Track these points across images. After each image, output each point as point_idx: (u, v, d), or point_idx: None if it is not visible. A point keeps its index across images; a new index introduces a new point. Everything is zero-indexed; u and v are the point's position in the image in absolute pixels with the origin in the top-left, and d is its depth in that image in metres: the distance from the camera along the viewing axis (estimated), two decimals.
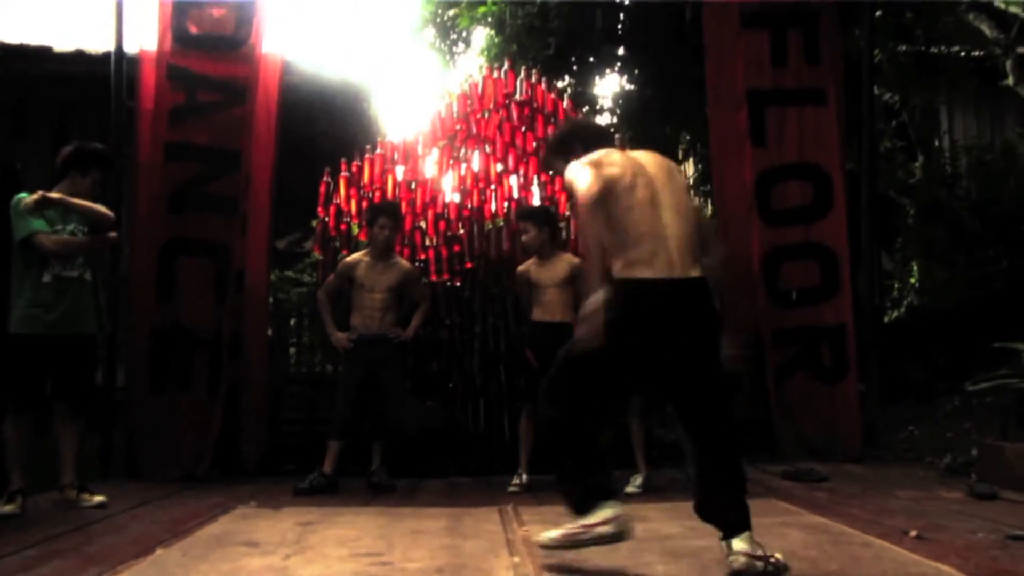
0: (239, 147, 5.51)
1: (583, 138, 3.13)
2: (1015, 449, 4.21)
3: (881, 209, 6.73)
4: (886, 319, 7.95)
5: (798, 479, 4.75)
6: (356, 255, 5.25)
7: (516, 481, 4.81)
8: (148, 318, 5.36)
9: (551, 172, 5.16)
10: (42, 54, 7.20)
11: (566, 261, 5.02)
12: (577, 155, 2.97)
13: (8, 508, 3.86)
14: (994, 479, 4.18)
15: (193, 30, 5.57)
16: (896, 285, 8.75)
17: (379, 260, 5.11)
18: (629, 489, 4.55)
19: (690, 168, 12.26)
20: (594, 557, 2.95)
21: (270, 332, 5.97)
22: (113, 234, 4.38)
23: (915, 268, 8.63)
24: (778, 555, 2.58)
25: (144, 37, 5.55)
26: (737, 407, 2.76)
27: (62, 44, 7.32)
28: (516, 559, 2.93)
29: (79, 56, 7.16)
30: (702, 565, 2.78)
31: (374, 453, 4.98)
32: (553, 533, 2.84)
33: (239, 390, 5.54)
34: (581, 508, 2.80)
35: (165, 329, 5.34)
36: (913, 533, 3.14)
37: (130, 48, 5.64)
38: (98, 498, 4.13)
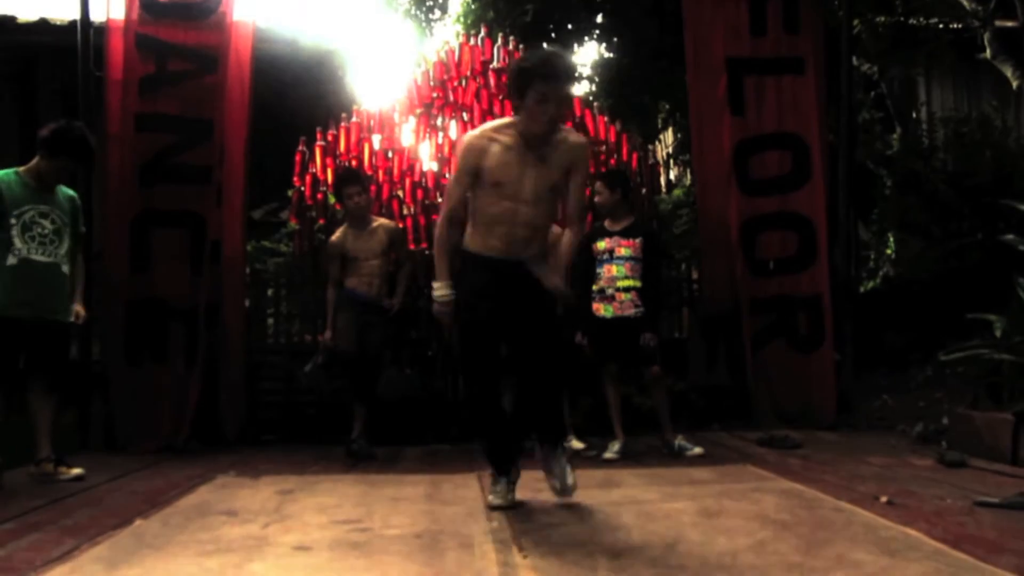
0: (211, 116, 5.43)
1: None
2: (984, 418, 4.28)
3: (858, 180, 6.77)
4: (862, 289, 8.03)
5: (772, 446, 4.81)
6: (338, 232, 5.20)
7: None
8: (123, 291, 5.31)
9: None
10: (5, 24, 7.02)
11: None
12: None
13: None
14: (964, 447, 4.26)
15: None
16: (872, 256, 8.83)
17: (361, 228, 5.07)
18: (607, 455, 4.60)
19: (669, 137, 12.26)
20: (570, 520, 2.99)
21: (247, 302, 5.93)
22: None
23: (891, 239, 8.70)
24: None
25: (111, 5, 5.43)
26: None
27: (25, 13, 7.15)
28: (494, 524, 2.96)
29: (43, 25, 6.99)
30: (677, 527, 2.82)
31: (355, 421, 4.99)
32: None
33: (217, 361, 5.52)
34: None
35: (140, 301, 5.29)
36: (884, 499, 3.20)
37: (96, 16, 5.51)
38: (75, 471, 4.10)
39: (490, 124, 3.35)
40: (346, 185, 5.09)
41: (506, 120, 3.29)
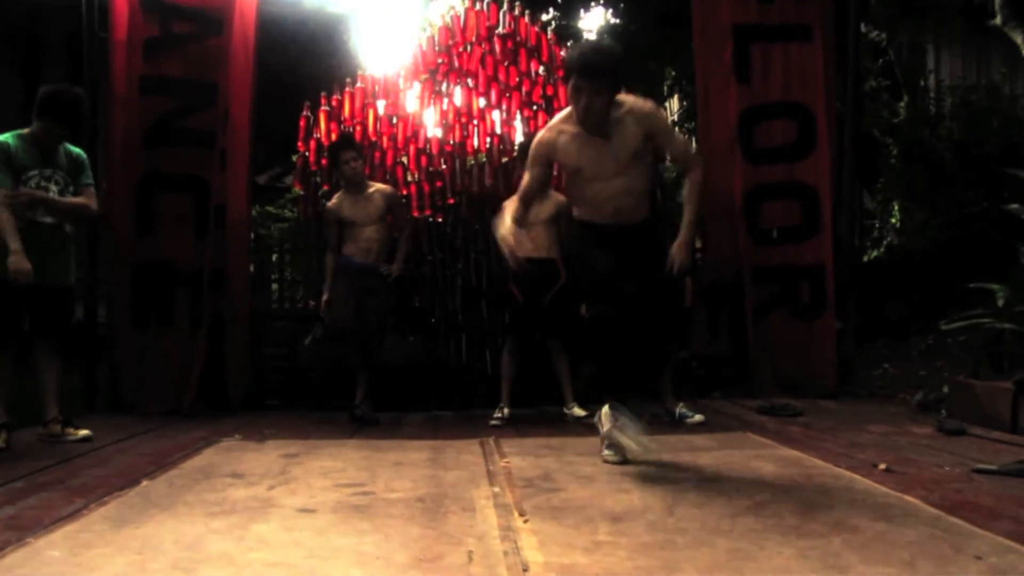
0: (216, 79, 5.41)
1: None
2: (984, 387, 4.30)
3: (864, 149, 6.74)
4: (865, 258, 8.03)
5: (773, 414, 4.84)
6: (335, 198, 5.20)
7: (498, 414, 4.88)
8: (128, 254, 5.33)
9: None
10: None
11: (553, 200, 5.01)
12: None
13: None
14: (963, 415, 4.29)
15: None
16: (876, 225, 8.81)
17: (358, 194, 5.07)
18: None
19: (675, 104, 12.18)
20: (572, 485, 3.03)
21: (252, 267, 5.95)
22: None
23: (895, 208, 8.68)
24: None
25: None
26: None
27: None
28: (496, 489, 3.00)
29: None
30: (677, 493, 2.85)
31: (358, 387, 5.02)
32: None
33: (222, 325, 5.55)
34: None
35: (145, 265, 5.32)
36: (882, 466, 3.23)
37: None
38: (83, 432, 4.15)
39: (558, 116, 3.59)
40: (341, 151, 5.07)
41: (569, 110, 3.45)
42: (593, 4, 10.31)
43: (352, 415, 4.94)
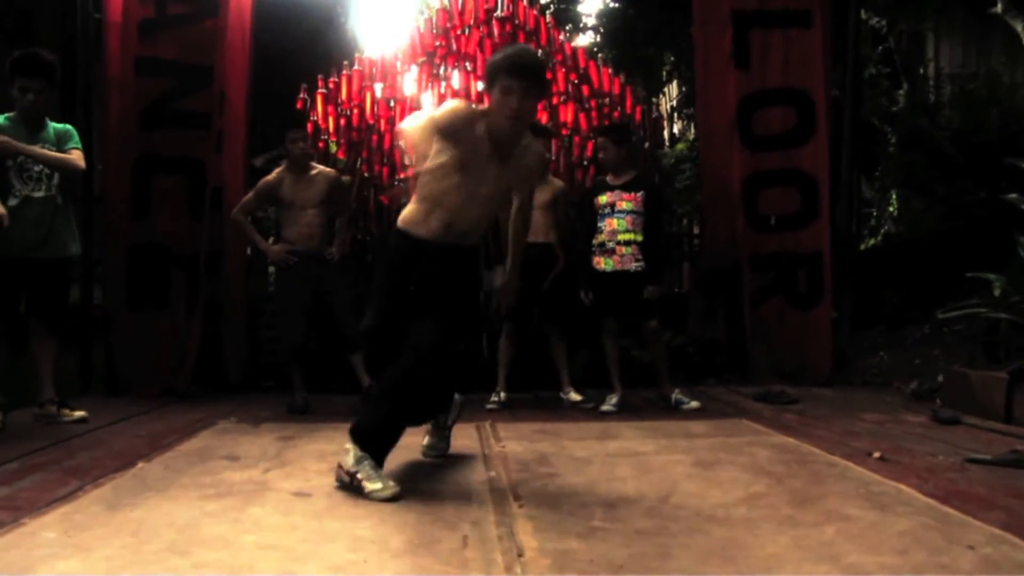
0: (212, 61, 5.37)
1: None
2: (979, 376, 4.31)
3: (863, 136, 6.73)
4: (862, 247, 8.03)
5: (768, 401, 4.86)
6: (275, 173, 5.02)
7: (494, 399, 4.89)
8: (124, 235, 5.31)
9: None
10: None
11: (551, 185, 5.00)
12: None
13: None
14: (958, 405, 4.30)
15: None
16: (874, 213, 8.81)
17: (300, 174, 4.91)
18: (604, 408, 4.64)
19: (674, 90, 12.14)
20: (567, 471, 3.04)
21: (248, 250, 5.93)
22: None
23: (894, 197, 8.68)
24: None
25: None
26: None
27: None
28: (492, 474, 3.01)
29: None
30: (672, 479, 2.86)
31: (357, 370, 4.89)
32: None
33: (218, 308, 5.54)
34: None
35: (142, 246, 5.30)
36: (876, 454, 3.24)
37: None
38: (78, 413, 4.16)
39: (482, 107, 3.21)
40: (289, 130, 4.96)
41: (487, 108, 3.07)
42: None
43: (366, 397, 4.70)
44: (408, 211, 3.11)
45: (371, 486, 2.67)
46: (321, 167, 5.12)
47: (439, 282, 2.99)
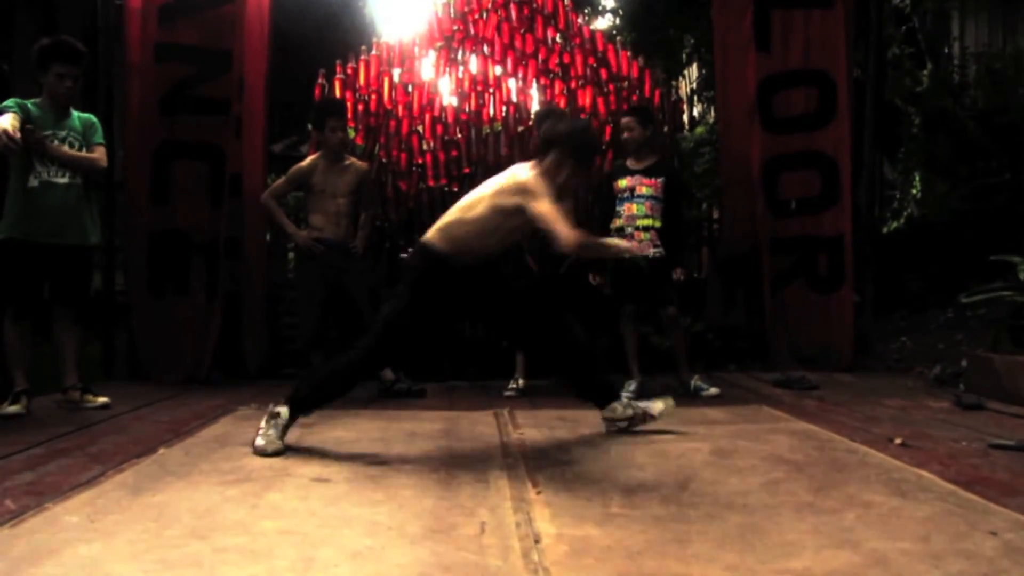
0: (230, 47, 5.38)
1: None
2: (1004, 361, 4.26)
3: (885, 118, 6.63)
4: (885, 230, 7.95)
5: (789, 387, 4.83)
6: (311, 159, 5.01)
7: (512, 386, 4.89)
8: (145, 222, 5.35)
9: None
10: None
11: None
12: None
13: (13, 408, 3.93)
14: (982, 390, 4.25)
15: None
16: (897, 196, 8.71)
17: (334, 163, 4.89)
18: (623, 394, 4.62)
19: (693, 73, 12.03)
20: (585, 458, 3.03)
21: (268, 236, 5.95)
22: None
23: (917, 179, 8.56)
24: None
25: None
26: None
27: None
28: (510, 460, 3.01)
29: None
30: (690, 466, 2.85)
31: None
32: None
33: (238, 294, 5.58)
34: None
35: (163, 233, 5.33)
36: (898, 440, 3.21)
37: None
38: (101, 399, 4.20)
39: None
40: (328, 116, 4.90)
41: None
42: None
43: (392, 390, 4.80)
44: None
45: None
46: (354, 159, 5.14)
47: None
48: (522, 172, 3.29)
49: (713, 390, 4.65)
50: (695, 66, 11.63)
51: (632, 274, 4.65)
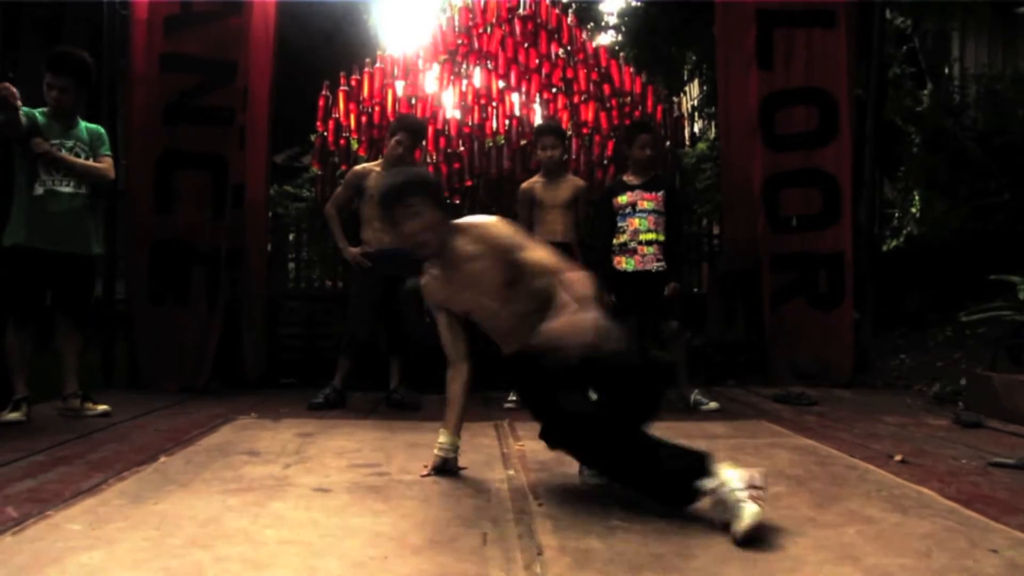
0: (235, 58, 5.40)
1: None
2: (1002, 379, 4.27)
3: (886, 137, 6.67)
4: (884, 248, 7.98)
5: (788, 403, 4.84)
6: (367, 165, 5.01)
7: (513, 397, 4.88)
8: (147, 231, 5.36)
9: None
10: None
11: (571, 183, 4.98)
12: None
13: (14, 416, 3.93)
14: (980, 408, 4.26)
15: None
16: (896, 214, 8.74)
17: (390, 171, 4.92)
18: None
19: (695, 89, 12.09)
20: (586, 470, 3.02)
21: (269, 247, 5.97)
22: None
23: (916, 197, 8.60)
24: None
25: None
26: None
27: None
28: (511, 472, 3.01)
29: None
30: None
31: (392, 370, 4.90)
32: None
33: (239, 304, 5.58)
34: None
35: (165, 242, 5.34)
36: (898, 457, 3.22)
37: None
38: (101, 407, 4.20)
39: None
40: (400, 130, 4.80)
41: None
42: None
43: (389, 399, 4.82)
44: None
45: None
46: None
47: None
48: None
49: (713, 404, 4.66)
50: (697, 83, 11.70)
51: (635, 287, 4.66)
